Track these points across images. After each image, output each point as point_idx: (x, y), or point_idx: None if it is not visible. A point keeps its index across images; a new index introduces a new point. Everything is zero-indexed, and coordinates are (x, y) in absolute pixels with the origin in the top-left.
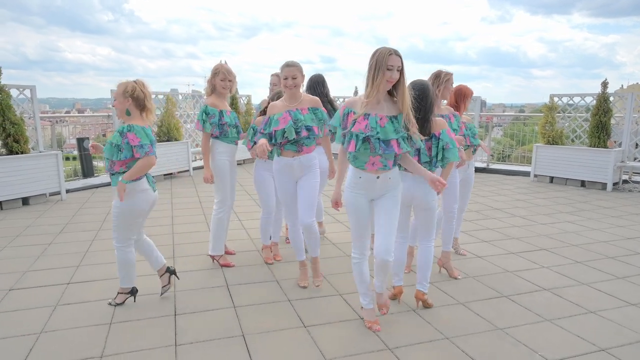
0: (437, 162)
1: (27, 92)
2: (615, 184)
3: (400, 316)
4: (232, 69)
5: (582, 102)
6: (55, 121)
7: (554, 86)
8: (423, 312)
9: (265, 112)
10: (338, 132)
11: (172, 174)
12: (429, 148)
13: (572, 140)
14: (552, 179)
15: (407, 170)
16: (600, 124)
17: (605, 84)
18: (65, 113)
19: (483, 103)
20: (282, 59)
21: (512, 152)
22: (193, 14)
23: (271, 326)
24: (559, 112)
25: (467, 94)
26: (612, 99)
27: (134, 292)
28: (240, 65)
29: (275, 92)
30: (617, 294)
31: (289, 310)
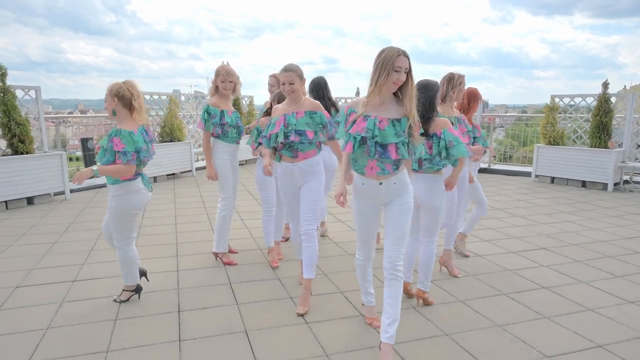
0: (442, 160)
1: (32, 93)
2: (616, 185)
3: (401, 313)
4: (235, 70)
5: (583, 102)
6: (59, 122)
7: (556, 87)
8: (423, 310)
9: (269, 113)
10: (340, 130)
11: (174, 174)
12: (430, 147)
13: (574, 141)
14: (553, 180)
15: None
16: (601, 125)
17: (606, 85)
18: (68, 114)
19: (485, 104)
20: (284, 60)
21: (514, 152)
22: (194, 14)
23: (273, 323)
24: (559, 113)
25: (478, 96)
26: (615, 99)
27: (138, 289)
28: (242, 66)
29: (276, 93)
30: (615, 292)
31: (290, 307)
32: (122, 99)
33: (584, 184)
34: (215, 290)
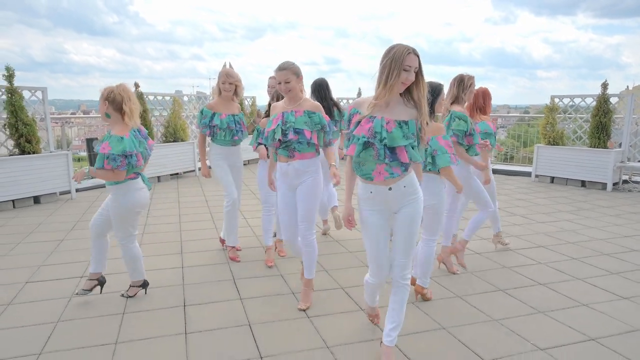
0: (428, 165)
1: (38, 94)
2: (615, 184)
3: None
4: (236, 73)
5: (583, 103)
6: (64, 122)
7: (559, 87)
8: (422, 305)
9: (269, 113)
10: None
11: (178, 173)
12: None
13: (573, 141)
14: (552, 179)
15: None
16: (600, 125)
17: (605, 85)
18: (71, 114)
19: None
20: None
21: (516, 153)
22: (196, 15)
23: (276, 316)
24: (559, 114)
25: (490, 96)
26: (617, 100)
27: (145, 285)
28: (245, 66)
29: (275, 91)
30: (610, 288)
31: (293, 302)
32: (113, 102)
33: (583, 183)
34: (220, 285)
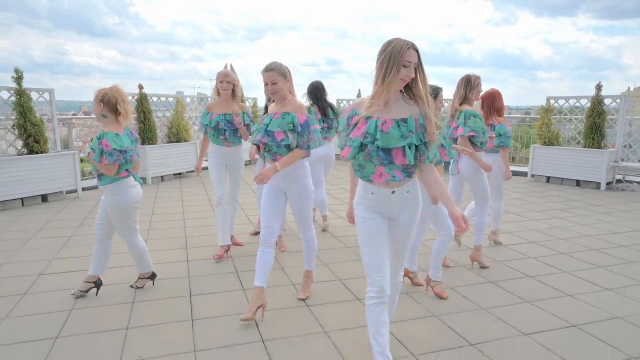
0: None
1: (45, 95)
2: (609, 184)
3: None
4: (236, 72)
5: (578, 104)
6: (70, 122)
7: (559, 88)
8: (415, 295)
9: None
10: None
11: (181, 173)
12: None
13: (569, 142)
14: (548, 179)
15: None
16: (594, 126)
17: (599, 87)
18: (72, 115)
19: None
20: (287, 61)
21: (516, 154)
22: (197, 16)
23: (277, 305)
24: (555, 114)
25: (502, 97)
26: (618, 101)
27: (153, 276)
28: (245, 67)
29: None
30: (595, 280)
31: (293, 292)
32: (108, 104)
33: (578, 183)
34: (223, 277)
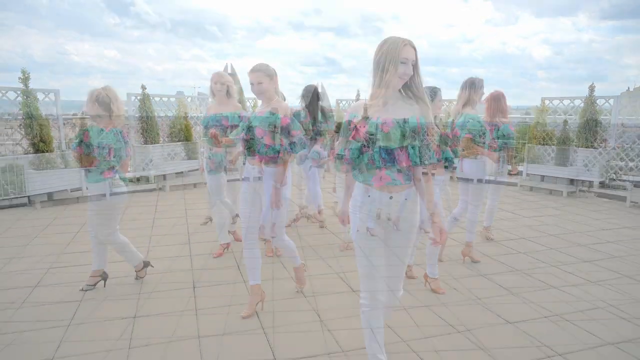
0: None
1: (51, 96)
2: (601, 182)
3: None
4: (236, 72)
5: (571, 104)
6: (73, 122)
7: (560, 88)
8: (408, 287)
9: None
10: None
11: (182, 172)
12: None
13: (563, 142)
14: (543, 178)
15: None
16: (587, 126)
17: (592, 88)
18: (72, 115)
19: None
20: (287, 61)
21: (517, 153)
22: (197, 16)
23: (277, 296)
24: (550, 114)
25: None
26: (611, 101)
27: (146, 264)
28: (246, 68)
29: None
30: (581, 274)
31: (291, 284)
32: (102, 103)
33: (572, 181)
34: (225, 271)
